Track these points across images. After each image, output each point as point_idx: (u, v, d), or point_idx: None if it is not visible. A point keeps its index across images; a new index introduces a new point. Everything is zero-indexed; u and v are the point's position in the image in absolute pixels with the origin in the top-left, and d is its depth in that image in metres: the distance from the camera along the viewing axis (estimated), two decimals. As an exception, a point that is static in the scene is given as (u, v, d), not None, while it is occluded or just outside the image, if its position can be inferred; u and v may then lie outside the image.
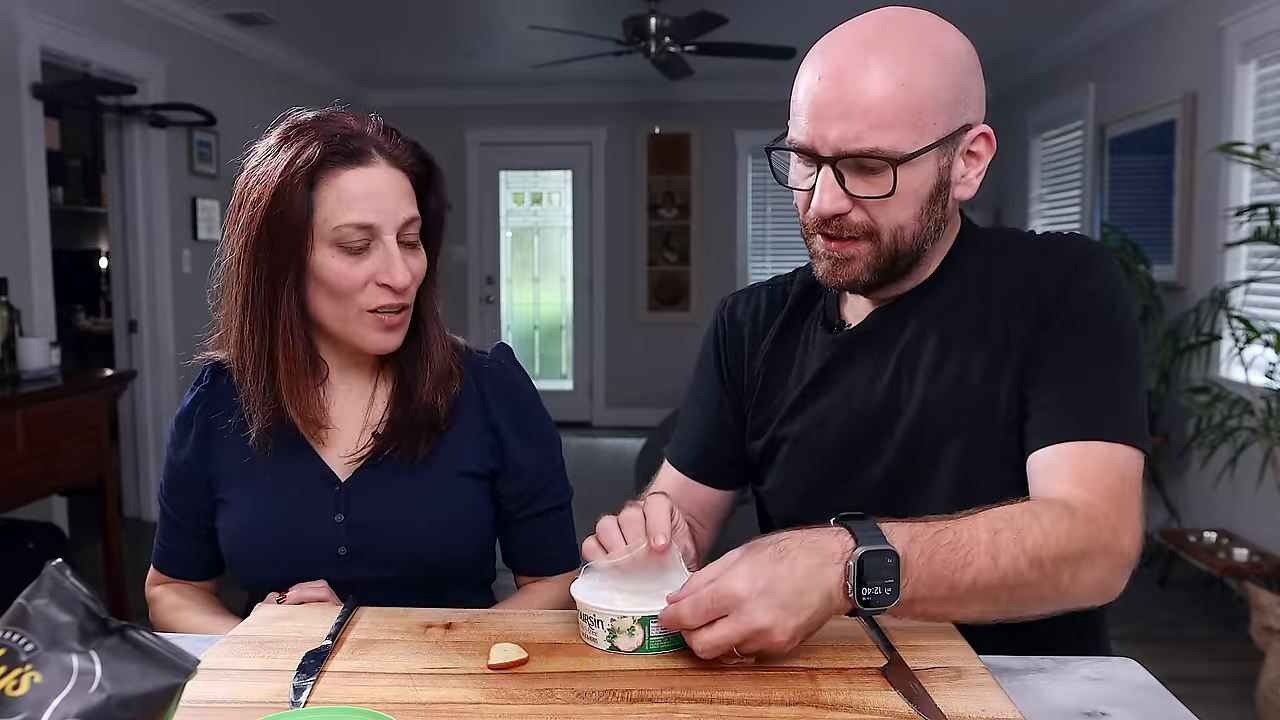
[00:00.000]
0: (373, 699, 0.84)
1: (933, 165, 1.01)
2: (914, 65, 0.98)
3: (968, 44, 1.04)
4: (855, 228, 1.03)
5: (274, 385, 1.13)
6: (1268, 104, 3.70)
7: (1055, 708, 0.87)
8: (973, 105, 1.03)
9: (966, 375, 1.06)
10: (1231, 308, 3.39)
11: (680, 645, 0.92)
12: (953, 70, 1.00)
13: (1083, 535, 0.91)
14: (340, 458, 1.19)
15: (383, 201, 1.10)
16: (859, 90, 0.97)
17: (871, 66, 0.98)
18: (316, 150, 1.08)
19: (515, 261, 7.47)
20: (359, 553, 1.18)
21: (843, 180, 1.01)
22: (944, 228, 1.07)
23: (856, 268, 1.05)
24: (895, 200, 1.01)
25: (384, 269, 1.10)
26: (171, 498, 1.26)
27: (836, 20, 1.05)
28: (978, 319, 1.07)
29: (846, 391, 1.12)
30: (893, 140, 0.98)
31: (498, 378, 1.25)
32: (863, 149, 0.98)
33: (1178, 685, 0.94)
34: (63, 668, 0.57)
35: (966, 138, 1.03)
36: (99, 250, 6.40)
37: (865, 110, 0.97)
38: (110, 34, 4.24)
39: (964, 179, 1.05)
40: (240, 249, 1.11)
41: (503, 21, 5.28)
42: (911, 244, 1.04)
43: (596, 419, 7.36)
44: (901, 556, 0.86)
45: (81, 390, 3.27)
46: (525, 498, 1.25)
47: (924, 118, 0.98)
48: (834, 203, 1.02)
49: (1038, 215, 6.05)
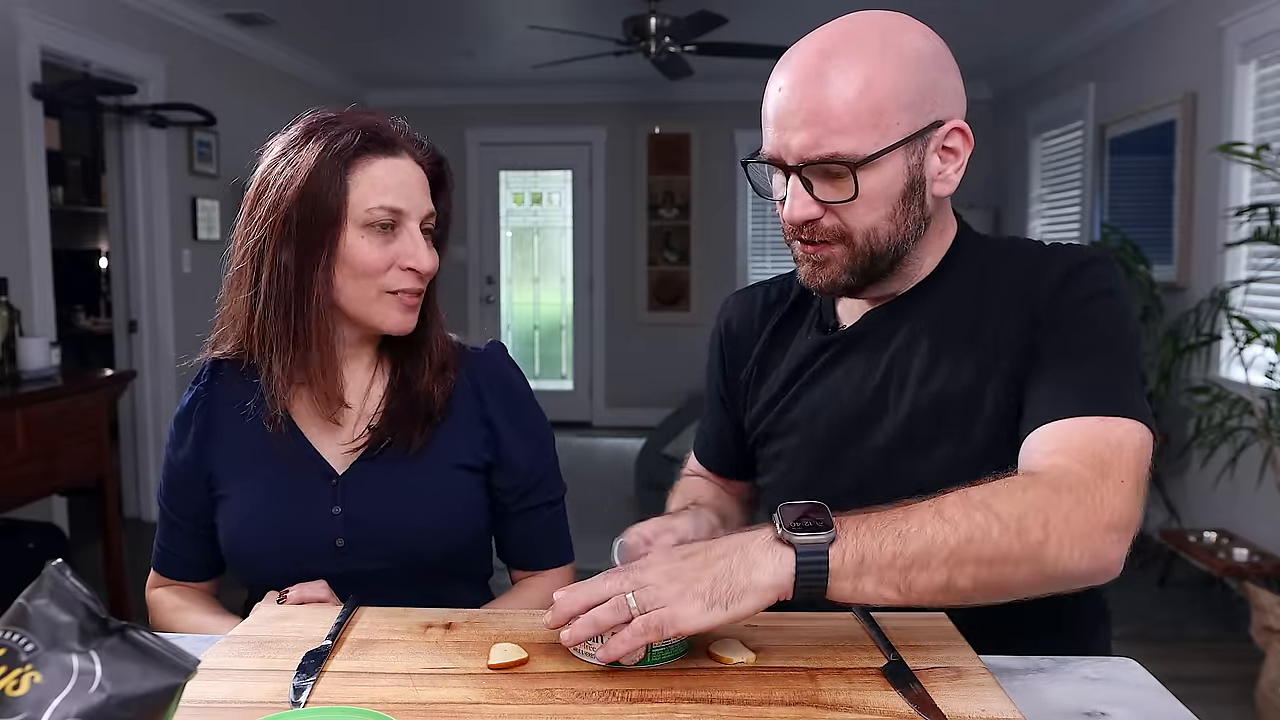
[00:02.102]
0: (373, 699, 0.84)
1: (900, 164, 1.01)
2: (872, 68, 0.98)
3: (936, 41, 1.04)
4: (827, 232, 1.05)
5: (305, 364, 1.15)
6: (1268, 104, 3.70)
7: (1055, 708, 0.87)
8: (944, 101, 1.03)
9: (955, 380, 1.06)
10: (1231, 308, 3.39)
11: (682, 655, 0.92)
12: (915, 69, 1.00)
13: (1045, 493, 0.86)
14: (338, 447, 1.21)
15: (410, 190, 1.16)
16: (817, 98, 0.98)
17: (829, 73, 0.99)
18: (354, 138, 1.14)
19: (515, 261, 7.47)
20: (356, 545, 1.19)
21: (810, 187, 1.02)
22: (926, 226, 1.07)
23: (833, 270, 1.07)
24: (862, 203, 1.01)
25: (409, 252, 1.15)
26: (171, 498, 1.26)
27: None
28: (970, 324, 1.07)
29: (835, 388, 1.13)
30: (852, 144, 0.98)
31: (492, 373, 1.27)
32: (823, 154, 0.99)
33: (1178, 685, 0.94)
34: (63, 668, 0.57)
35: (938, 134, 1.03)
36: (99, 250, 6.40)
37: (823, 117, 0.98)
38: (110, 34, 4.24)
39: (941, 175, 1.05)
40: (266, 233, 1.14)
41: (503, 21, 5.28)
42: (887, 244, 1.05)
43: (596, 419, 7.36)
44: (829, 509, 0.87)
45: (81, 390, 3.27)
46: (519, 491, 1.27)
47: (884, 119, 0.99)
48: (803, 209, 1.03)
49: (1037, 215, 6.05)
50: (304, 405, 1.20)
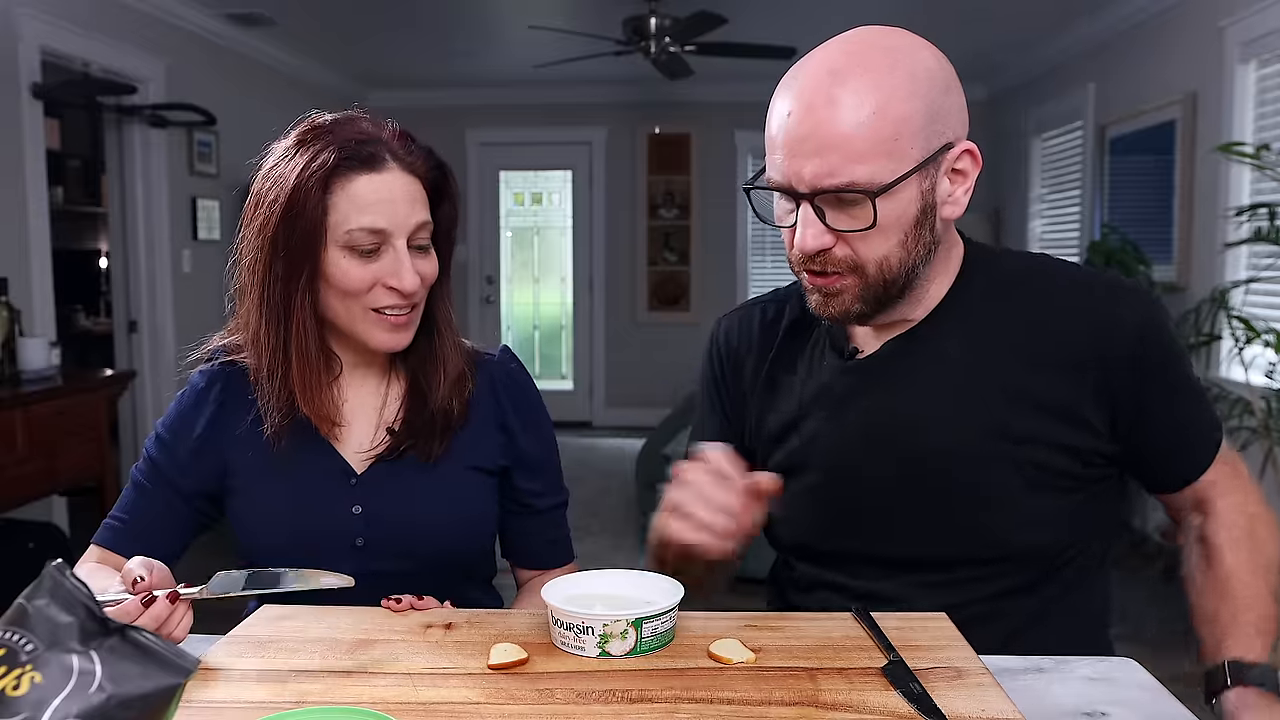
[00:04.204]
0: (373, 699, 0.84)
1: (914, 191, 0.99)
2: (884, 91, 0.95)
3: (942, 60, 1.01)
4: (840, 263, 1.02)
5: (288, 383, 1.15)
6: (1268, 104, 3.70)
7: (1055, 708, 0.87)
8: (952, 123, 1.01)
9: (992, 404, 1.05)
10: (1231, 308, 3.38)
11: (667, 644, 0.93)
12: (926, 91, 0.97)
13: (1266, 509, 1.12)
14: (355, 453, 1.21)
15: (394, 207, 1.12)
16: (830, 123, 0.95)
17: (841, 98, 0.95)
18: (331, 155, 1.10)
19: (515, 261, 7.47)
20: (375, 544, 1.19)
21: (823, 215, 0.99)
22: (935, 249, 1.05)
23: (845, 300, 1.04)
24: (878, 232, 0.99)
25: (392, 272, 1.12)
26: (162, 459, 1.20)
27: (836, 20, 1.05)
28: (1006, 354, 1.07)
29: (863, 420, 1.10)
30: (869, 172, 0.96)
31: (509, 379, 1.27)
32: (839, 184, 0.96)
33: (1178, 685, 0.94)
34: (63, 668, 0.57)
35: (948, 157, 1.01)
36: (99, 250, 6.40)
37: (838, 144, 0.95)
38: (110, 34, 4.24)
39: (951, 198, 1.03)
40: (257, 249, 1.13)
41: (503, 21, 5.28)
42: (900, 272, 1.03)
43: (596, 419, 7.36)
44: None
45: (81, 390, 3.27)
46: (538, 492, 1.28)
47: (900, 145, 0.96)
48: (816, 239, 1.00)
49: (1037, 215, 6.05)
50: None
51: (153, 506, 1.21)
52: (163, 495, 1.21)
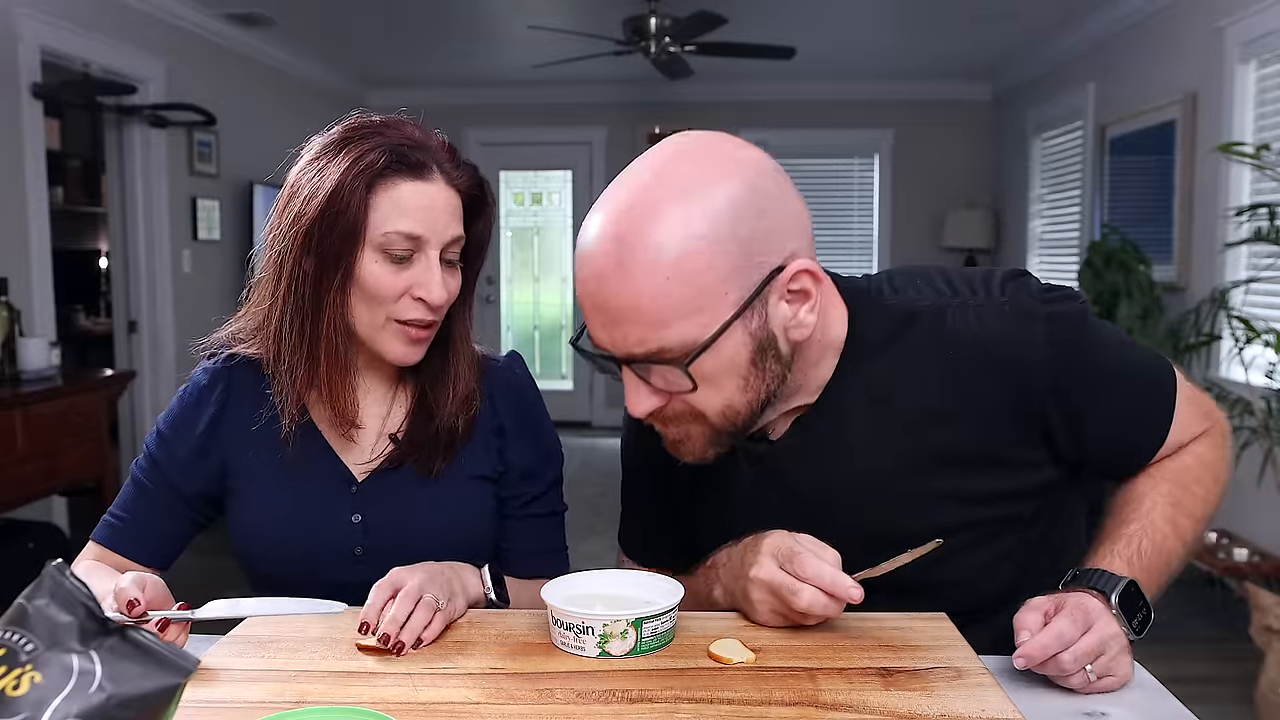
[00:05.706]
0: (373, 699, 0.84)
1: (740, 336, 0.90)
2: (679, 246, 0.86)
3: (761, 175, 0.90)
4: (679, 415, 0.95)
5: (313, 380, 1.13)
6: (1268, 104, 3.70)
7: (1055, 708, 0.87)
8: (776, 244, 0.90)
9: (899, 477, 1.01)
10: (1231, 308, 3.38)
11: (667, 644, 0.93)
12: (733, 226, 0.87)
13: (1220, 455, 1.08)
14: (356, 462, 1.20)
15: (433, 216, 1.11)
16: (623, 295, 0.87)
17: (628, 263, 0.86)
18: (381, 157, 1.09)
19: (515, 261, 7.48)
20: (374, 553, 1.17)
21: (647, 376, 0.92)
22: (790, 370, 0.96)
23: (697, 446, 0.97)
24: (708, 385, 0.91)
25: (423, 282, 1.11)
26: (162, 457, 1.20)
27: (835, 20, 1.05)
28: (911, 411, 1.01)
29: (780, 511, 1.04)
30: (678, 335, 0.88)
31: (509, 384, 1.26)
32: (649, 351, 0.89)
33: (1178, 685, 0.94)
34: (63, 668, 0.57)
35: (779, 282, 0.90)
36: (99, 250, 6.40)
37: (636, 314, 0.87)
38: (110, 34, 4.24)
39: (795, 321, 0.93)
40: (289, 243, 1.11)
41: (503, 21, 5.28)
42: (747, 413, 0.95)
43: (596, 419, 7.36)
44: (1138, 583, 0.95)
45: (81, 390, 3.27)
46: (527, 498, 1.26)
47: (708, 298, 0.87)
48: (644, 404, 0.93)
49: (1037, 215, 6.05)
50: (324, 413, 1.18)
51: (152, 506, 1.21)
52: (162, 494, 1.20)
